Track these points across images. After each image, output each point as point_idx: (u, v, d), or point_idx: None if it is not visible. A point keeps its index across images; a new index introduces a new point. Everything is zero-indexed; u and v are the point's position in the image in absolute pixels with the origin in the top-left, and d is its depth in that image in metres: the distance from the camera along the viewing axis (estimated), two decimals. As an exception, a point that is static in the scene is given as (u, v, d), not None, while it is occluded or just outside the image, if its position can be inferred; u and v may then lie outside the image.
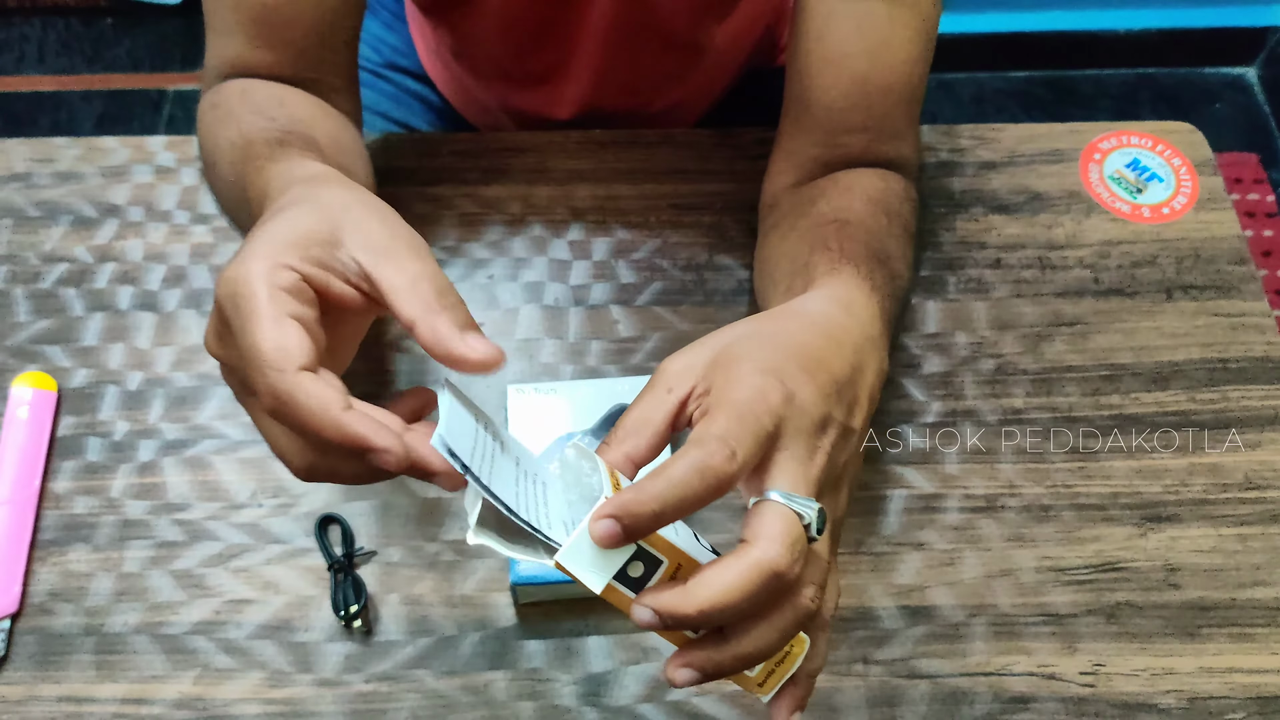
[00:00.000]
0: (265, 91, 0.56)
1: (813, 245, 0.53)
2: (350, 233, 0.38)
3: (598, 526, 0.33)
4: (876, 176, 0.58)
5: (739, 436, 0.35)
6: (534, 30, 0.71)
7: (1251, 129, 1.74)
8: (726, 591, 0.34)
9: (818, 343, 0.42)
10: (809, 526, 0.36)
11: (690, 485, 0.34)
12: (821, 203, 0.57)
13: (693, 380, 0.39)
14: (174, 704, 0.56)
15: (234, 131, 0.52)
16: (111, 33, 1.80)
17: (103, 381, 0.65)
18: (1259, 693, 0.57)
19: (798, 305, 0.46)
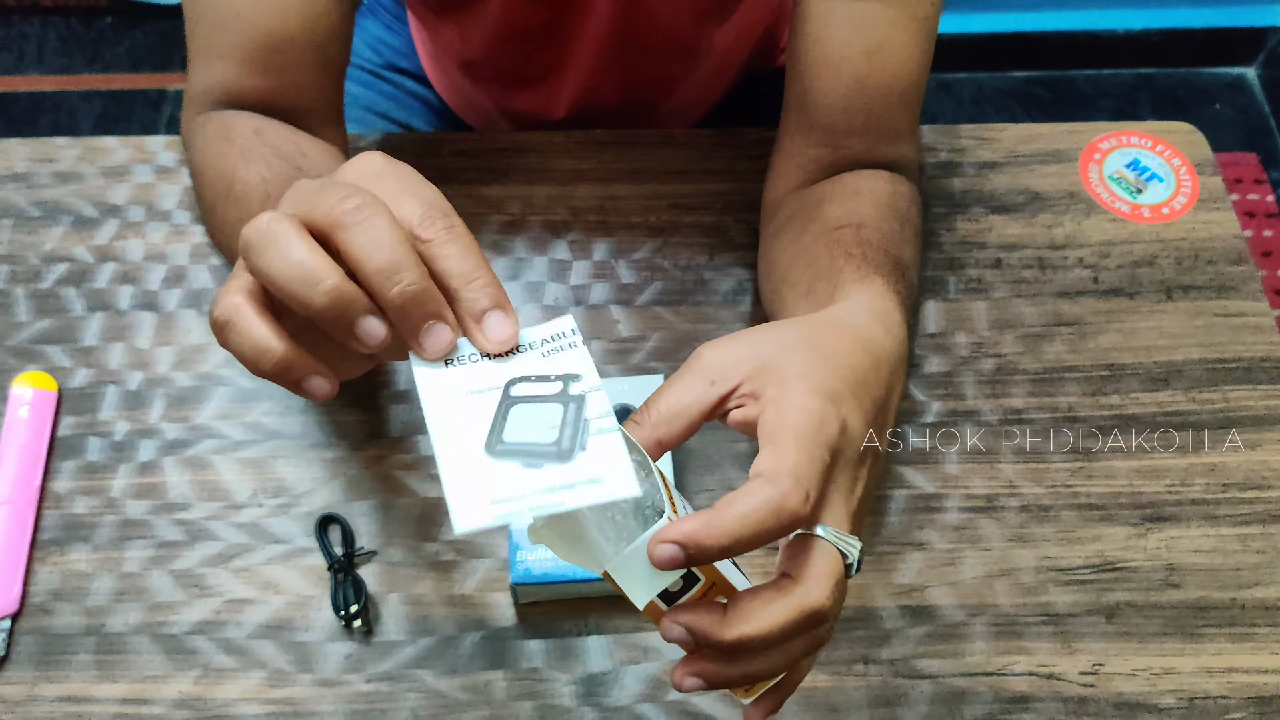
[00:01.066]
0: (282, 136, 0.54)
1: (832, 250, 0.53)
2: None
3: (661, 550, 0.33)
4: (883, 179, 0.58)
5: (810, 477, 0.35)
6: (533, 33, 0.71)
7: (1251, 129, 1.74)
8: (768, 626, 0.34)
9: (864, 363, 0.41)
10: (850, 566, 0.36)
11: (764, 525, 0.33)
12: (831, 206, 0.57)
13: (738, 378, 0.38)
14: (174, 704, 0.56)
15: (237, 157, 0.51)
16: (111, 33, 1.80)
17: (103, 381, 0.65)
18: (1259, 693, 0.57)
19: (840, 316, 0.45)
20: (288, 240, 0.32)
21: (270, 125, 0.55)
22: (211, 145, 0.55)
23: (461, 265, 0.35)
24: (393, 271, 0.32)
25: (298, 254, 0.32)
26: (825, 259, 0.53)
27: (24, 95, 1.75)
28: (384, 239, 0.32)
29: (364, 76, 0.87)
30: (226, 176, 0.52)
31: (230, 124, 0.55)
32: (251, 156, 0.52)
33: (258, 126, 0.54)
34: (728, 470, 0.62)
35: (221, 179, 0.52)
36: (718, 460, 0.62)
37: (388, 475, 0.62)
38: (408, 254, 0.33)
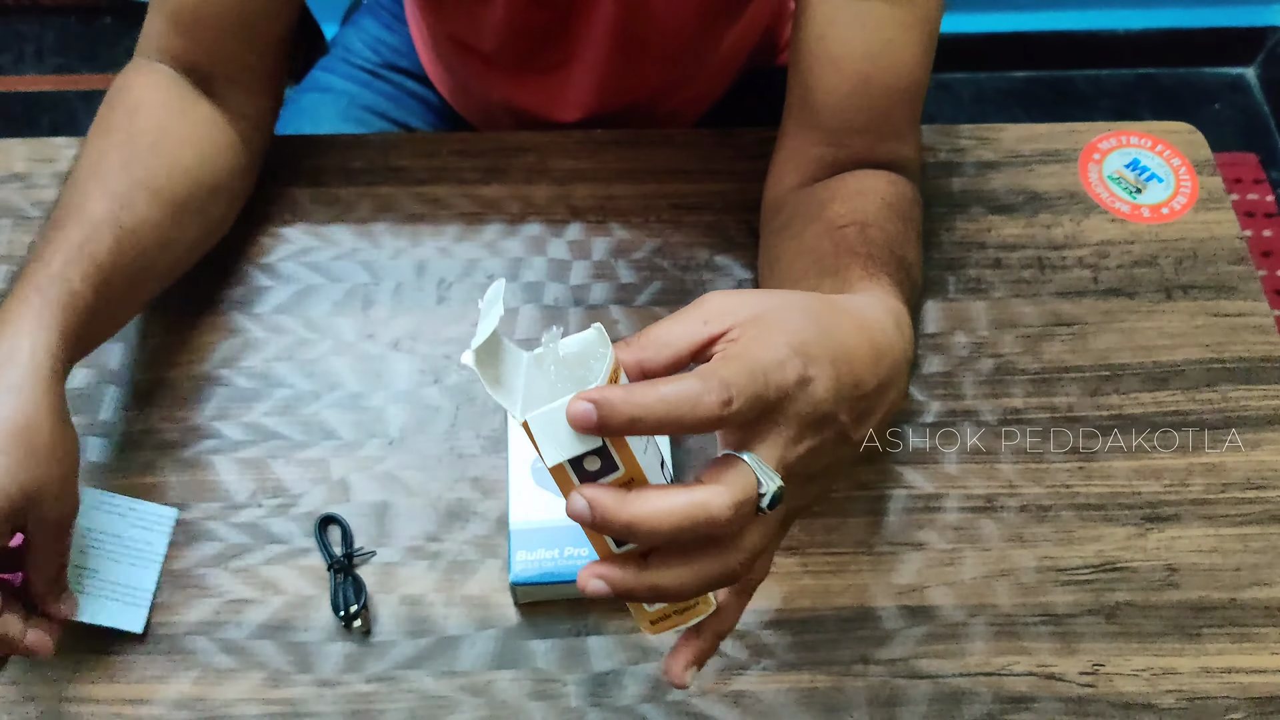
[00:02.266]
0: (140, 130, 0.59)
1: (838, 247, 0.53)
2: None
3: (575, 406, 0.34)
4: (885, 179, 0.58)
5: (741, 389, 0.35)
6: (539, 31, 0.71)
7: (1251, 129, 1.74)
8: (659, 514, 0.34)
9: (861, 347, 0.41)
10: (763, 496, 0.36)
11: (677, 409, 0.34)
12: (835, 205, 0.57)
13: (730, 323, 0.39)
14: (174, 704, 0.56)
15: (76, 188, 0.57)
16: (111, 32, 1.80)
17: (103, 382, 0.65)
18: (1259, 693, 0.57)
19: (852, 303, 0.45)
20: None
21: (143, 115, 0.60)
22: (101, 107, 0.61)
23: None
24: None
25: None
26: (830, 257, 0.53)
27: (23, 95, 1.75)
28: None
29: (363, 76, 0.87)
30: (85, 143, 0.59)
31: (124, 96, 0.60)
32: (92, 150, 0.58)
33: (134, 105, 0.60)
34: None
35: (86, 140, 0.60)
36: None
37: (388, 475, 0.62)
38: None
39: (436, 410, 0.64)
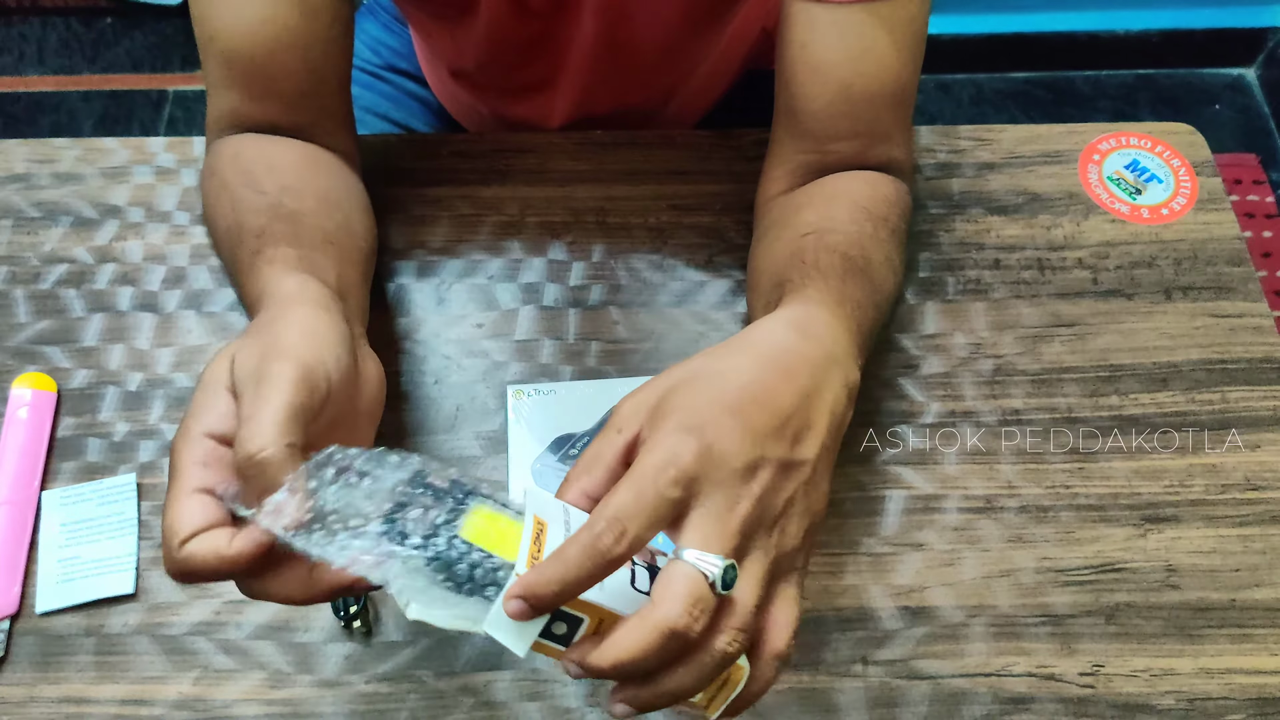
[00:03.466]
0: (255, 153, 0.57)
1: (790, 259, 0.53)
2: (237, 370, 0.41)
3: (510, 605, 0.36)
4: (864, 182, 0.58)
5: (632, 514, 0.37)
6: (522, 45, 0.71)
7: (1251, 130, 1.74)
8: (630, 651, 0.36)
9: (762, 378, 0.41)
10: (714, 584, 0.37)
11: (584, 565, 0.36)
12: (806, 211, 0.57)
13: (639, 423, 0.41)
14: (174, 705, 0.56)
15: (228, 206, 0.54)
16: (111, 33, 1.81)
17: (103, 382, 0.65)
18: (1258, 694, 0.57)
19: (750, 335, 0.45)
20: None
21: (247, 146, 0.58)
22: (204, 183, 0.59)
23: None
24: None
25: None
26: (783, 268, 0.53)
27: (24, 95, 1.75)
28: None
29: (364, 78, 0.88)
30: (209, 216, 0.57)
31: (220, 156, 0.58)
32: (224, 193, 0.56)
33: (236, 150, 0.57)
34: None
35: (207, 218, 0.58)
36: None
37: (387, 476, 0.62)
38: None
39: (436, 411, 0.64)
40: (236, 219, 0.53)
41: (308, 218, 0.53)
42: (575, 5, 0.66)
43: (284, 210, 0.53)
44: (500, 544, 0.38)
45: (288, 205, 0.53)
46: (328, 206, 0.55)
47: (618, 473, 0.40)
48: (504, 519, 0.39)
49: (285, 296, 0.46)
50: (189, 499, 0.39)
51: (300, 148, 0.59)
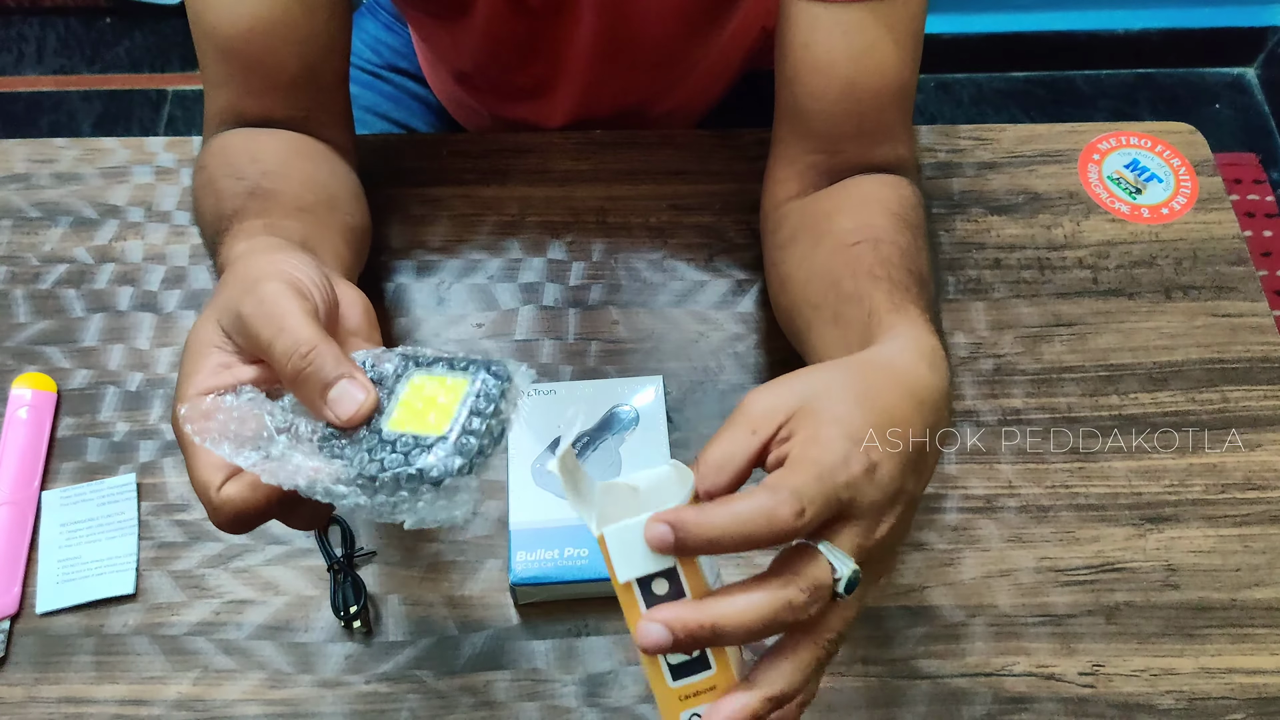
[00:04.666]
0: (241, 145, 0.57)
1: (855, 270, 0.52)
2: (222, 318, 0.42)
3: (654, 527, 0.34)
4: (887, 186, 0.58)
5: (813, 498, 0.36)
6: (520, 45, 0.71)
7: (1251, 129, 1.74)
8: (742, 611, 0.35)
9: (904, 406, 0.41)
10: (838, 582, 0.37)
11: (753, 526, 0.35)
12: (841, 219, 0.56)
13: (777, 423, 0.39)
14: (174, 705, 0.56)
15: (211, 198, 0.55)
16: (111, 33, 1.81)
17: (102, 382, 0.65)
18: (1259, 693, 0.57)
19: (886, 359, 0.44)
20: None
21: (234, 139, 0.58)
22: (195, 179, 0.59)
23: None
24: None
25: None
26: (849, 281, 0.52)
27: (24, 95, 1.75)
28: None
29: (364, 77, 0.87)
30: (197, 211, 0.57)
31: (208, 152, 0.58)
32: (209, 187, 0.55)
33: (223, 144, 0.57)
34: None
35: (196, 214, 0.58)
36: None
37: (387, 476, 0.62)
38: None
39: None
40: (217, 207, 0.53)
41: (284, 195, 0.53)
42: (574, 4, 0.66)
43: (260, 190, 0.53)
44: (425, 418, 0.38)
45: (264, 186, 0.53)
46: (312, 186, 0.55)
47: (746, 476, 0.39)
48: (436, 381, 0.39)
49: (243, 253, 0.46)
50: (205, 452, 0.40)
51: (289, 136, 0.59)
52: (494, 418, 0.38)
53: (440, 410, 0.38)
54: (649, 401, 0.61)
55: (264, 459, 0.38)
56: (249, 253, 0.46)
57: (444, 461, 0.37)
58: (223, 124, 0.59)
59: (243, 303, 0.41)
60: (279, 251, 0.45)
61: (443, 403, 0.38)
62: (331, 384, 0.39)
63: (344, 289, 0.46)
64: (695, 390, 0.65)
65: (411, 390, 0.39)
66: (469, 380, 0.39)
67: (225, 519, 0.40)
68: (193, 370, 0.41)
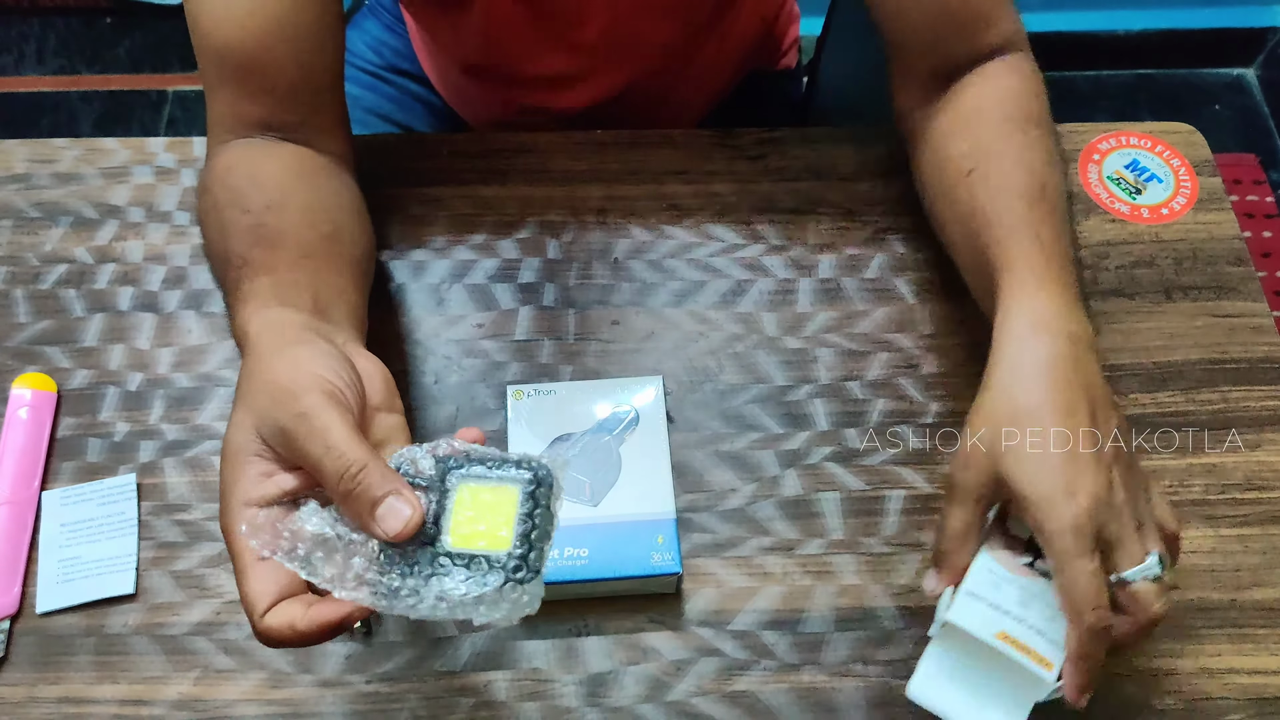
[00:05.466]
0: (244, 169, 0.57)
1: (973, 211, 0.55)
2: (262, 430, 0.43)
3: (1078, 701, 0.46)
4: (990, 84, 0.59)
5: (1095, 601, 0.45)
6: (527, 33, 0.71)
7: (1251, 130, 1.74)
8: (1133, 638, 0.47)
9: (1071, 405, 0.47)
10: (1161, 578, 0.46)
11: (1100, 649, 0.46)
12: (956, 140, 0.58)
13: (982, 487, 0.48)
14: (174, 705, 0.56)
15: (217, 231, 0.55)
16: (111, 33, 1.81)
17: (103, 382, 0.65)
18: (1259, 694, 0.57)
19: (1039, 359, 0.49)
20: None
21: (238, 161, 0.57)
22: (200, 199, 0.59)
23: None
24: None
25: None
26: (974, 222, 0.55)
27: (24, 96, 1.75)
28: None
29: (365, 79, 0.88)
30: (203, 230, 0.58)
31: (212, 172, 0.58)
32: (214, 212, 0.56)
33: (228, 165, 0.57)
34: (714, 473, 0.62)
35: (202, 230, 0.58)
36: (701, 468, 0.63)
37: (387, 476, 0.62)
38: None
39: (436, 411, 0.64)
40: (224, 245, 0.54)
41: (288, 236, 0.53)
42: None
43: (265, 232, 0.53)
44: (483, 529, 0.41)
45: (270, 225, 0.53)
46: (311, 219, 0.55)
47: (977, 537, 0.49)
48: (484, 491, 0.42)
49: (260, 342, 0.47)
50: (255, 570, 0.42)
51: (290, 156, 0.58)
52: (547, 522, 0.42)
53: (495, 520, 0.41)
54: (649, 401, 0.61)
55: (337, 577, 0.41)
56: (267, 336, 0.47)
57: (513, 573, 0.40)
58: (225, 130, 0.59)
59: (282, 418, 0.42)
60: (302, 345, 0.46)
61: (495, 513, 0.42)
62: (379, 501, 0.41)
63: (362, 363, 0.47)
64: (695, 390, 0.65)
65: (461, 502, 0.42)
66: (517, 489, 0.42)
67: (268, 642, 0.42)
68: (235, 479, 0.43)
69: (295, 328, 0.47)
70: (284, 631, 0.41)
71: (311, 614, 0.41)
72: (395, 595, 0.40)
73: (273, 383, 0.44)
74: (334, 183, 0.60)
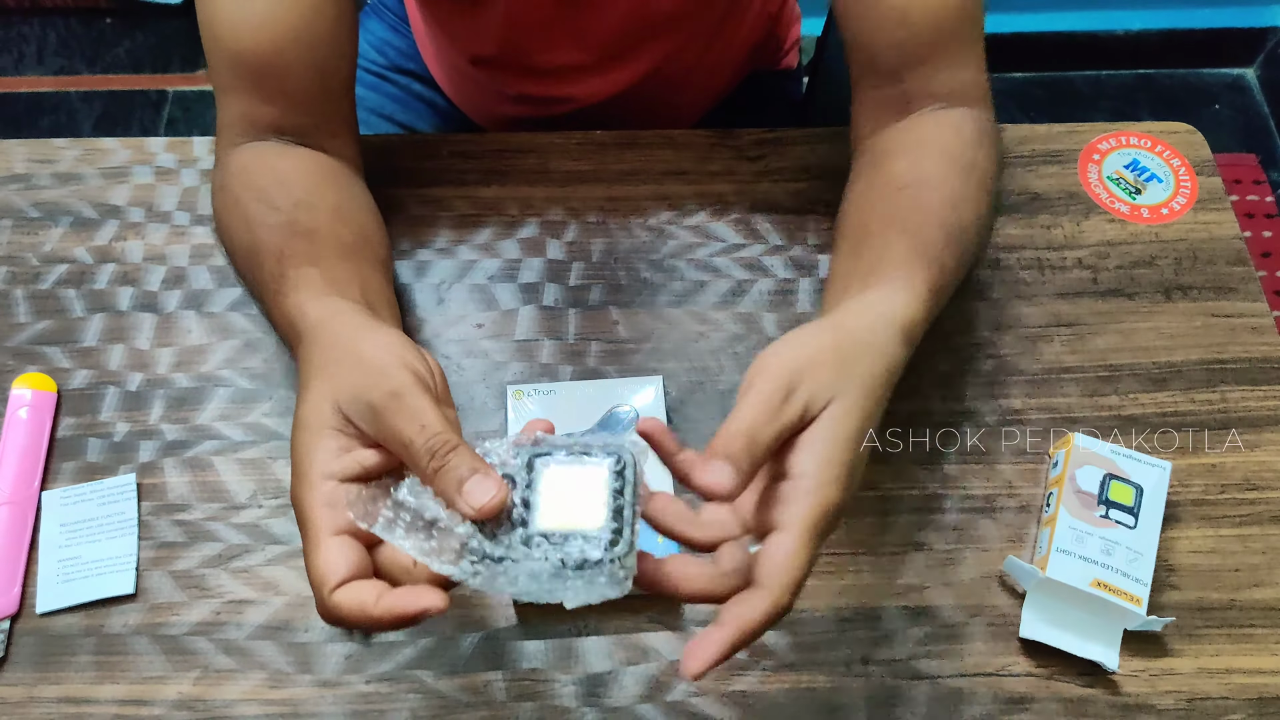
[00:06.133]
0: (265, 167, 0.57)
1: (889, 216, 0.54)
2: (348, 406, 0.43)
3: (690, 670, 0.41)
4: (946, 125, 0.58)
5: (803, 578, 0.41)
6: (545, 27, 0.71)
7: (1250, 130, 1.74)
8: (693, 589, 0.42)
9: (882, 392, 0.45)
10: None
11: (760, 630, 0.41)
12: (896, 159, 0.57)
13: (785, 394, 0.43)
14: (174, 705, 0.56)
15: (241, 224, 0.55)
16: (111, 33, 1.81)
17: (103, 382, 0.65)
18: (1258, 694, 0.57)
19: (866, 326, 0.47)
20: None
21: (256, 161, 0.57)
22: (215, 197, 0.59)
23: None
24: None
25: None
26: (879, 223, 0.54)
27: (24, 96, 1.75)
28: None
29: (369, 79, 0.88)
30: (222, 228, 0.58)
31: (228, 171, 0.58)
32: (236, 209, 0.56)
33: (244, 164, 0.57)
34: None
35: (220, 230, 0.58)
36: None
37: (387, 476, 0.62)
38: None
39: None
40: (253, 238, 0.53)
41: (324, 232, 0.54)
42: None
43: (300, 227, 0.53)
44: (574, 509, 0.41)
45: (303, 221, 0.54)
46: (342, 219, 0.56)
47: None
48: (572, 473, 0.42)
49: (334, 323, 0.47)
50: (328, 543, 0.41)
51: (308, 159, 0.59)
52: (634, 498, 0.41)
53: (585, 501, 0.41)
54: (649, 401, 0.61)
55: (434, 550, 0.41)
56: (340, 319, 0.47)
57: (610, 546, 0.40)
58: (236, 134, 0.59)
59: (374, 394, 0.42)
60: (382, 331, 0.46)
61: (585, 494, 0.41)
62: (466, 478, 0.41)
63: (427, 356, 0.48)
64: (695, 390, 0.65)
65: (549, 485, 0.42)
66: (604, 470, 0.42)
67: (330, 617, 0.41)
68: (311, 450, 0.42)
69: (361, 314, 0.48)
70: (354, 611, 0.40)
71: (388, 601, 0.40)
72: (492, 570, 0.40)
73: (362, 360, 0.44)
74: (352, 186, 0.60)
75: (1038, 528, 0.61)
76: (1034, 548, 0.60)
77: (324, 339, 0.46)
